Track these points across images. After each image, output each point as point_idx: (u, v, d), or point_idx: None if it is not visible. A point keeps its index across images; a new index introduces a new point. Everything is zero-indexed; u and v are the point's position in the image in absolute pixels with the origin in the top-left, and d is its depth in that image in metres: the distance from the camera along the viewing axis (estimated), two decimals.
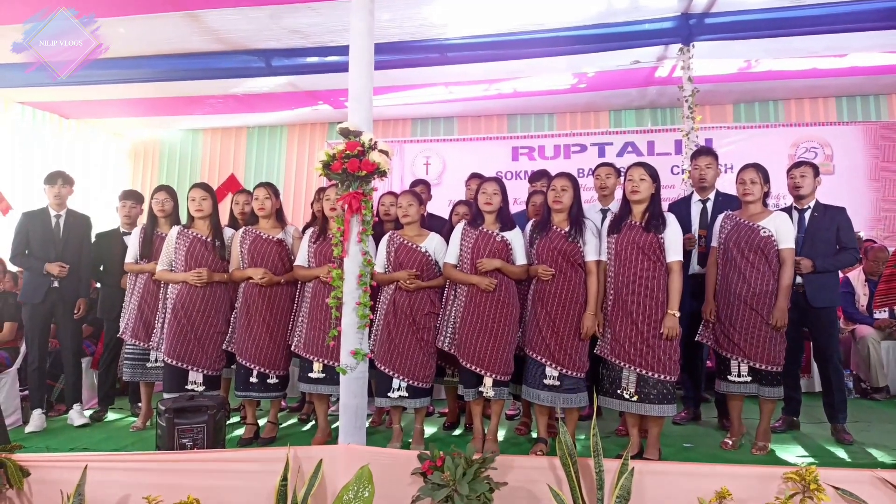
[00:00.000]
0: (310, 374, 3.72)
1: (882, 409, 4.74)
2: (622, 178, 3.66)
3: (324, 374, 3.68)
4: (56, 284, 4.34)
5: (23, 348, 4.70)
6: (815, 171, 3.88)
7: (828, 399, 3.89)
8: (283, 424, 4.33)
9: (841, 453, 3.54)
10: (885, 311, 5.33)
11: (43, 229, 4.40)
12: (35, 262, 4.35)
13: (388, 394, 3.60)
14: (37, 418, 4.29)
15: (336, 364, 3.28)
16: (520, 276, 3.57)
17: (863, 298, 5.47)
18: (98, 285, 4.85)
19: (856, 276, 5.49)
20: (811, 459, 3.37)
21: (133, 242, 4.29)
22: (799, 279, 3.73)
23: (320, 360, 3.68)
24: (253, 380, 3.84)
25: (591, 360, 3.51)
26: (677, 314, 3.29)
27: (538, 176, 4.46)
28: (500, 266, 3.48)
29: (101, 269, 4.68)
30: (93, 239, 4.63)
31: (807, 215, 3.85)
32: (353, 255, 3.20)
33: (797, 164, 3.93)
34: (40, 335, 4.38)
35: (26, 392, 4.63)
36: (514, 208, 4.42)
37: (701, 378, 4.32)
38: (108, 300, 4.60)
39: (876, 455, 3.48)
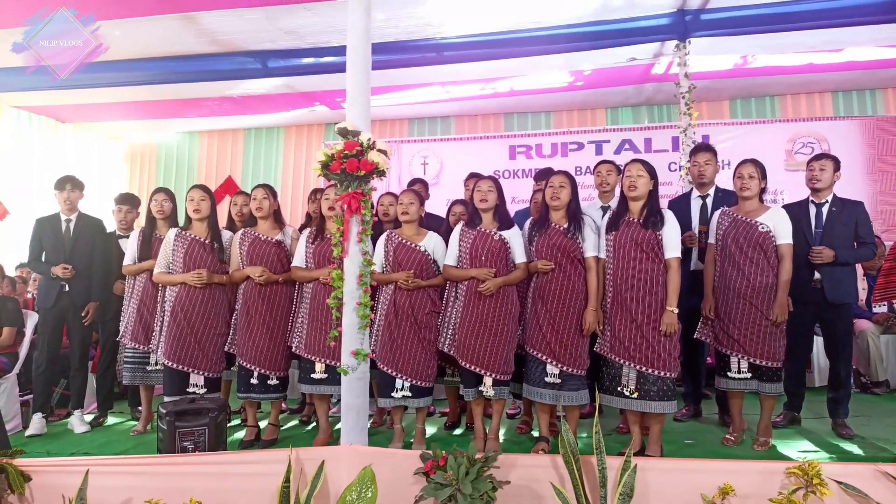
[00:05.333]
0: (312, 375, 3.71)
1: (882, 404, 4.74)
2: (622, 176, 3.66)
3: (326, 375, 3.67)
4: (67, 289, 4.35)
5: (22, 353, 4.68)
6: (836, 164, 3.81)
7: (833, 394, 3.88)
8: (284, 426, 4.33)
9: (842, 447, 3.54)
10: (883, 304, 5.34)
11: (53, 234, 4.42)
12: (46, 266, 4.37)
13: (392, 394, 3.59)
14: (37, 422, 4.28)
15: (338, 364, 3.28)
16: (521, 278, 3.57)
17: (861, 293, 5.48)
18: None
19: None
20: (813, 454, 3.38)
21: (131, 245, 4.28)
22: (818, 275, 3.72)
23: (322, 360, 3.67)
24: (254, 381, 3.83)
25: (591, 357, 3.51)
26: (676, 311, 3.29)
27: (543, 175, 4.45)
28: (501, 283, 3.46)
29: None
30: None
31: (824, 209, 3.81)
32: (352, 256, 3.19)
33: (818, 157, 3.88)
34: (51, 339, 4.38)
35: (26, 397, 4.62)
36: (513, 207, 4.42)
37: (701, 374, 4.33)
38: (102, 304, 4.57)
39: (877, 449, 3.48)
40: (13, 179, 7.24)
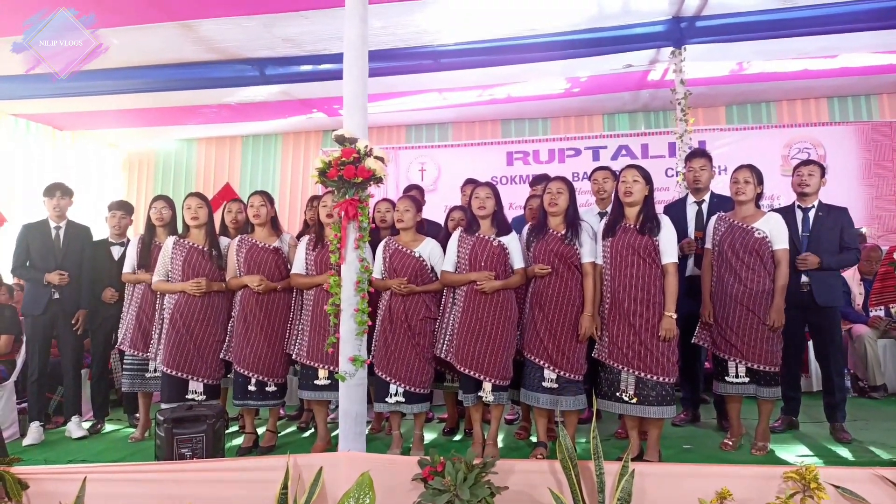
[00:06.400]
0: (315, 382, 3.70)
1: (880, 408, 4.75)
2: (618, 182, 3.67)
3: (329, 381, 3.66)
4: (57, 296, 4.33)
5: (19, 361, 4.67)
6: (822, 171, 3.88)
7: (828, 399, 3.89)
8: (282, 433, 4.32)
9: (840, 452, 3.55)
10: (880, 309, 5.35)
11: (43, 241, 4.40)
12: (35, 273, 4.34)
13: (386, 399, 3.60)
14: (34, 431, 4.26)
15: (337, 371, 3.28)
16: (520, 283, 3.58)
17: (858, 297, 5.50)
18: None
19: (851, 275, 5.51)
20: (811, 459, 3.38)
21: (131, 253, 4.29)
22: (805, 278, 3.75)
23: (325, 366, 3.66)
24: (251, 388, 3.82)
25: (589, 362, 3.52)
26: (674, 316, 3.30)
27: (538, 180, 4.47)
28: (500, 286, 3.48)
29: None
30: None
31: (811, 214, 3.85)
32: (350, 262, 3.20)
33: (805, 163, 3.92)
34: (41, 347, 4.36)
35: (23, 405, 4.60)
36: (510, 213, 4.43)
37: (699, 379, 4.33)
38: (91, 312, 4.52)
39: (875, 453, 3.49)
40: (11, 187, 7.24)
